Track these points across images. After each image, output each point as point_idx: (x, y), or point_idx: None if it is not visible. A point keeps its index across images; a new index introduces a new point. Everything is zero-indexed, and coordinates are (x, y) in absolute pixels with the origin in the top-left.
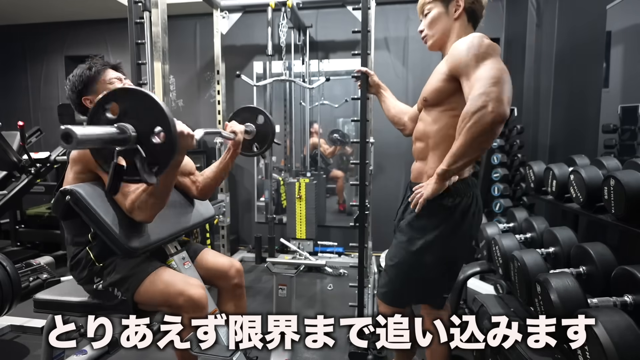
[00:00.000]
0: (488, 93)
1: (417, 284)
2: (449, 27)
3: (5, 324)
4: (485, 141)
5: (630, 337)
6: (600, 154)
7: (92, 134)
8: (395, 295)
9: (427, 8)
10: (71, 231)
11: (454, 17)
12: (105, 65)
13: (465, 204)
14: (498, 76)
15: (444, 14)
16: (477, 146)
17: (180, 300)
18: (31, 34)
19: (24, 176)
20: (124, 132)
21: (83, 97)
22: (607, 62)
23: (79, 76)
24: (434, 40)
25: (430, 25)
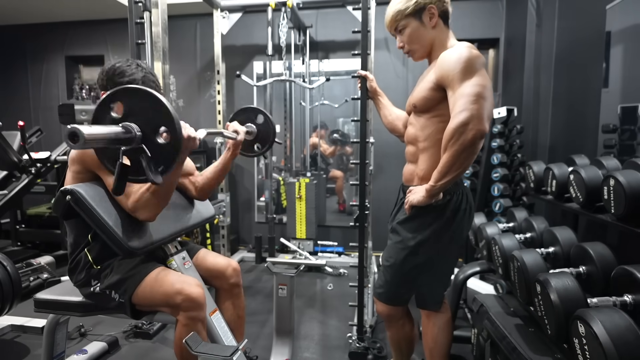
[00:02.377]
0: (469, 110)
1: (413, 284)
2: (431, 37)
3: (5, 323)
4: (467, 157)
5: (630, 337)
6: (600, 154)
7: (99, 133)
8: (391, 295)
9: (401, 25)
10: (72, 232)
11: (432, 26)
12: (140, 79)
13: (455, 201)
14: (480, 93)
15: (421, 26)
16: (461, 162)
17: (178, 299)
18: (31, 34)
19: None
20: (129, 131)
21: (102, 92)
22: (607, 62)
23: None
24: (420, 53)
25: (410, 41)
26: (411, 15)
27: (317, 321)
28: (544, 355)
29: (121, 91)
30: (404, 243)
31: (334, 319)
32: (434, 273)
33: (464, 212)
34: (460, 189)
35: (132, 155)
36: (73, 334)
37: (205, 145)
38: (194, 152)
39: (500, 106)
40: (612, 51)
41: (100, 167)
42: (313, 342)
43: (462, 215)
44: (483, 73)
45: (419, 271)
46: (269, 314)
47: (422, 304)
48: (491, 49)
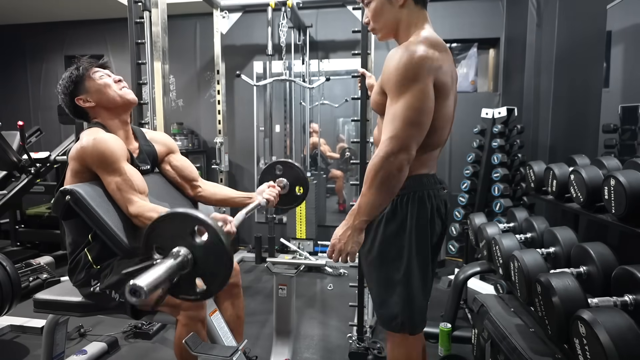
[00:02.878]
0: (398, 139)
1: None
2: (397, 17)
3: (5, 323)
4: (395, 185)
5: (631, 337)
6: (600, 154)
7: (156, 277)
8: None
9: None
10: (71, 232)
11: (399, 5)
12: (92, 63)
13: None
14: (410, 119)
15: (387, 3)
16: (390, 189)
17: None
18: (31, 34)
19: (24, 176)
20: (183, 261)
21: (76, 98)
22: (608, 62)
23: (68, 78)
24: (383, 33)
25: (374, 18)
26: None
27: (317, 321)
28: (545, 355)
29: (152, 231)
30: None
31: (334, 319)
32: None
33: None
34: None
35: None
36: (72, 335)
37: (205, 146)
38: (194, 151)
39: (500, 106)
40: (613, 51)
41: (102, 167)
42: (313, 343)
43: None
44: (420, 86)
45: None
46: (269, 314)
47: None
48: (491, 48)
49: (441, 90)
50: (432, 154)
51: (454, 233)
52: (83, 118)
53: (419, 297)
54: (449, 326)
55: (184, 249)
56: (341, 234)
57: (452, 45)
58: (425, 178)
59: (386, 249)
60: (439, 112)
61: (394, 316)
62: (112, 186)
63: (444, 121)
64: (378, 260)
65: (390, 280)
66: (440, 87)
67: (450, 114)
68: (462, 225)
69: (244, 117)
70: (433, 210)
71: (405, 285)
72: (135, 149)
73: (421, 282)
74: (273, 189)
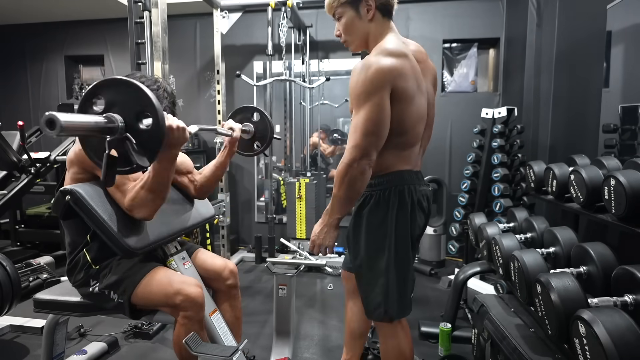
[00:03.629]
0: (359, 148)
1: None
2: (366, 30)
3: (5, 323)
4: (360, 186)
5: (631, 337)
6: (600, 154)
7: (77, 121)
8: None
9: (338, 12)
10: (70, 232)
11: (368, 19)
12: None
13: (382, 197)
14: (368, 130)
15: (357, 18)
16: (356, 190)
17: (177, 299)
18: (31, 34)
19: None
20: (111, 121)
21: None
22: (608, 61)
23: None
24: (355, 45)
25: (346, 31)
26: (347, 3)
27: (317, 321)
28: (545, 355)
29: (101, 84)
30: (353, 255)
31: (334, 319)
32: (359, 277)
33: (395, 208)
34: (380, 190)
35: (119, 147)
36: (72, 335)
37: (205, 145)
38: (194, 151)
39: (500, 106)
40: (613, 51)
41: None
42: (313, 343)
43: (393, 212)
44: (376, 100)
45: (364, 275)
46: (269, 314)
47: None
48: (491, 48)
49: (403, 95)
50: (412, 151)
51: (453, 233)
52: None
53: (401, 285)
54: (449, 326)
55: (118, 115)
56: (319, 231)
57: (452, 45)
58: (407, 174)
59: (369, 241)
60: (405, 114)
61: (378, 305)
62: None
63: (413, 121)
64: (363, 253)
65: (373, 270)
66: (401, 92)
67: (420, 114)
68: (462, 225)
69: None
70: (414, 203)
71: (387, 275)
72: None
73: (402, 272)
74: (237, 124)
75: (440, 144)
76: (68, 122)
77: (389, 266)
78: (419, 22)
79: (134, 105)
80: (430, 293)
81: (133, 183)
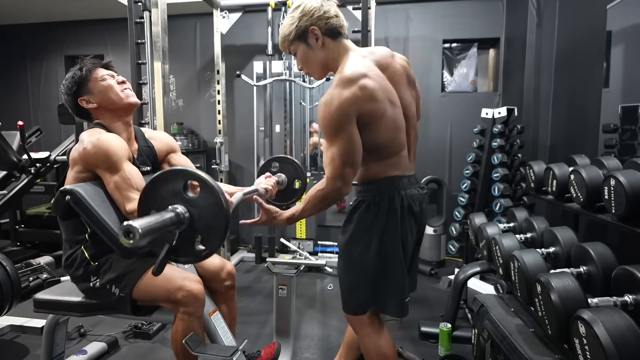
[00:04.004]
0: (337, 178)
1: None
2: (322, 58)
3: (5, 324)
4: (331, 204)
5: (631, 337)
6: (600, 154)
7: (153, 225)
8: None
9: (292, 49)
10: (68, 231)
11: (320, 47)
12: (96, 64)
13: (373, 203)
14: (344, 161)
15: (309, 50)
16: (324, 208)
17: (179, 295)
18: (31, 34)
19: (24, 176)
20: (179, 215)
21: (79, 99)
22: (608, 62)
23: (71, 78)
24: (317, 74)
25: (304, 64)
26: (296, 39)
27: (317, 321)
28: (545, 355)
29: (204, 181)
30: (342, 254)
31: (334, 319)
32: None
33: (385, 214)
34: (370, 195)
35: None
36: (72, 335)
37: (205, 145)
38: (194, 151)
39: (500, 106)
40: (613, 51)
41: (102, 167)
42: (313, 343)
43: (383, 216)
44: (345, 135)
45: (345, 274)
46: (269, 314)
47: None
48: (491, 48)
49: (371, 117)
50: (399, 156)
51: (453, 233)
52: (86, 118)
53: (392, 285)
54: (449, 326)
55: (180, 206)
56: (275, 222)
57: (452, 45)
58: (398, 179)
59: (357, 241)
60: (379, 131)
61: (350, 300)
62: (111, 186)
63: (391, 135)
64: (349, 249)
65: (354, 268)
66: (368, 115)
67: (397, 124)
68: (462, 225)
69: (244, 117)
70: (404, 209)
71: (366, 273)
72: (135, 151)
73: (393, 276)
74: (270, 179)
75: (440, 144)
76: (144, 226)
77: (370, 265)
78: (419, 22)
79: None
80: (430, 293)
81: (134, 189)
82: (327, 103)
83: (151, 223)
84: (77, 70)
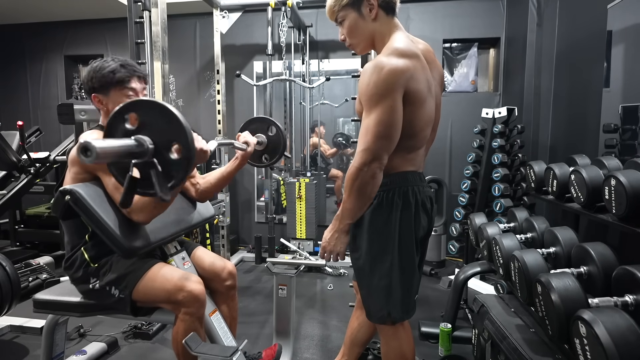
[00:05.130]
0: (370, 151)
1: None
2: (371, 30)
3: (4, 324)
4: (371, 191)
5: (631, 337)
6: (601, 154)
7: (111, 147)
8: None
9: (340, 16)
10: (69, 232)
11: (372, 18)
12: (132, 76)
13: (386, 198)
14: (380, 133)
15: (360, 19)
16: (367, 195)
17: (179, 296)
18: (31, 34)
19: (24, 176)
20: (141, 145)
21: (93, 95)
22: (608, 61)
23: (100, 75)
24: (361, 47)
25: (350, 34)
26: (349, 5)
27: (317, 321)
28: (545, 355)
29: (137, 103)
30: (353, 255)
31: (334, 319)
32: (361, 280)
33: (399, 210)
34: (383, 190)
35: (143, 168)
36: (72, 335)
37: None
38: None
39: (500, 106)
40: (614, 51)
41: (101, 168)
42: (313, 343)
43: (396, 213)
44: (389, 102)
45: (368, 278)
46: (269, 315)
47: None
48: (492, 48)
49: (414, 97)
50: (417, 153)
51: (454, 233)
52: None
53: (405, 287)
54: (449, 326)
55: (145, 137)
56: (330, 237)
57: (452, 45)
58: (411, 175)
59: (373, 242)
60: (415, 117)
61: (380, 307)
62: (111, 187)
63: (422, 124)
64: (365, 254)
65: (375, 272)
66: (413, 95)
67: (429, 117)
68: (462, 225)
69: (244, 117)
70: (417, 204)
71: (391, 277)
72: None
73: (406, 274)
74: (249, 135)
75: (441, 144)
76: (103, 148)
77: (392, 268)
78: (419, 22)
79: (167, 132)
80: (431, 293)
81: None
82: (376, 67)
83: (110, 145)
84: (110, 72)
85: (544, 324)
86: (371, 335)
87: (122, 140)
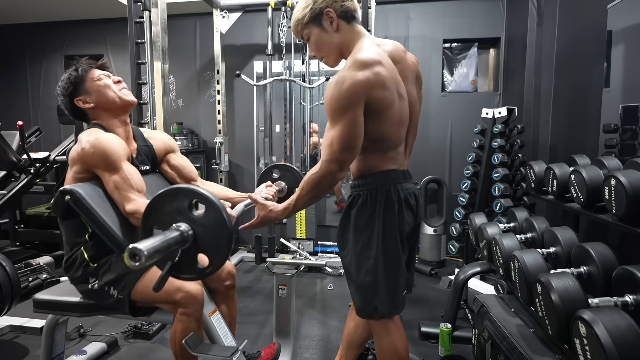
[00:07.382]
0: (334, 162)
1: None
2: (337, 42)
3: (4, 324)
4: (326, 191)
5: (631, 337)
6: (601, 154)
7: (158, 246)
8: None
9: (305, 34)
10: (69, 232)
11: (334, 30)
12: (91, 65)
13: (369, 197)
14: (344, 145)
15: (323, 33)
16: (321, 195)
17: (177, 296)
18: (31, 34)
19: (24, 176)
20: (182, 234)
21: (75, 99)
22: (608, 61)
23: (67, 79)
24: (332, 59)
25: (318, 49)
26: (310, 22)
27: (317, 321)
28: (545, 355)
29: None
30: (341, 252)
31: (334, 319)
32: (349, 276)
33: (384, 209)
34: (367, 189)
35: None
36: (72, 335)
37: (205, 145)
38: (193, 151)
39: (500, 106)
40: (614, 51)
41: (101, 167)
42: (313, 343)
43: (383, 211)
44: (350, 116)
45: (353, 274)
46: (269, 315)
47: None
48: (492, 48)
49: (379, 104)
50: (397, 151)
51: (454, 233)
52: (82, 119)
53: (391, 283)
54: (449, 326)
55: (183, 224)
56: (274, 217)
57: (452, 45)
58: (393, 173)
59: (358, 240)
60: (383, 122)
61: (367, 302)
62: (111, 185)
63: (393, 126)
64: (351, 251)
65: (361, 269)
66: (377, 102)
67: (400, 117)
68: (462, 225)
69: (244, 117)
70: (401, 201)
71: (376, 273)
72: (134, 150)
73: (392, 269)
74: (270, 188)
75: (441, 144)
76: (149, 247)
77: (377, 264)
78: (419, 22)
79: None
80: (431, 293)
81: (134, 189)
82: (337, 82)
83: (156, 244)
84: (73, 71)
85: (544, 324)
86: (368, 336)
87: (165, 235)
